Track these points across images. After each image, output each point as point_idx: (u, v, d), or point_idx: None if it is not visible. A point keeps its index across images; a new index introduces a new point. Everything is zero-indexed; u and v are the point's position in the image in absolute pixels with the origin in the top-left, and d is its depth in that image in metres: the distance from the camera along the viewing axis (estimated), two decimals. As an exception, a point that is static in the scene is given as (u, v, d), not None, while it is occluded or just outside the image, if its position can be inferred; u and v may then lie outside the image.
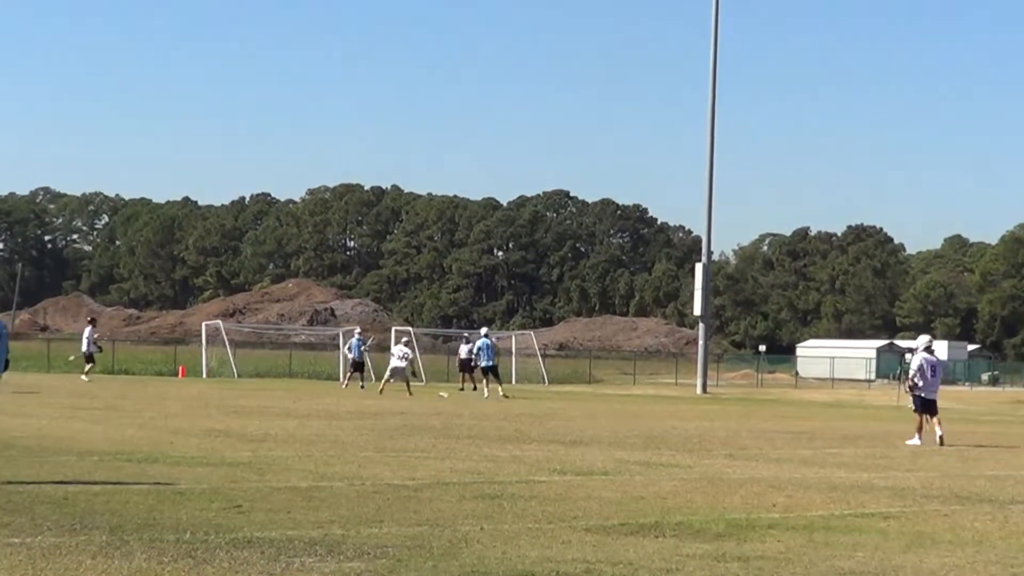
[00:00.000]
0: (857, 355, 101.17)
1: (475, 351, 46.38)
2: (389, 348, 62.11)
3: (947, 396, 58.16)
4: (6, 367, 14.71)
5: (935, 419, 25.69)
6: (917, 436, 25.52)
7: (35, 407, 28.41)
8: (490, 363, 45.08)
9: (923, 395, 25.83)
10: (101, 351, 48.78)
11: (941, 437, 25.27)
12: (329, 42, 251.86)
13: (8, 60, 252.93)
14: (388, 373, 43.92)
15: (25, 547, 10.20)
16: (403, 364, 43.54)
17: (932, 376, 25.97)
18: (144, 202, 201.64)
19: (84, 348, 45.77)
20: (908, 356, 58.87)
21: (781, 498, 15.11)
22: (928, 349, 26.46)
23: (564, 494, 14.84)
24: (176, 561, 9.77)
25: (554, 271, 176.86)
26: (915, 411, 26.02)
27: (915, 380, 25.87)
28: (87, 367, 45.16)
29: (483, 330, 48.93)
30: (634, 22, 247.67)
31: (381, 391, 42.76)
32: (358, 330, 53.41)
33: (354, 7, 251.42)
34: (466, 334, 57.74)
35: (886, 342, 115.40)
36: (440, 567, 9.84)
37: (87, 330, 46.43)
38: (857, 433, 29.36)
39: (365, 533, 11.37)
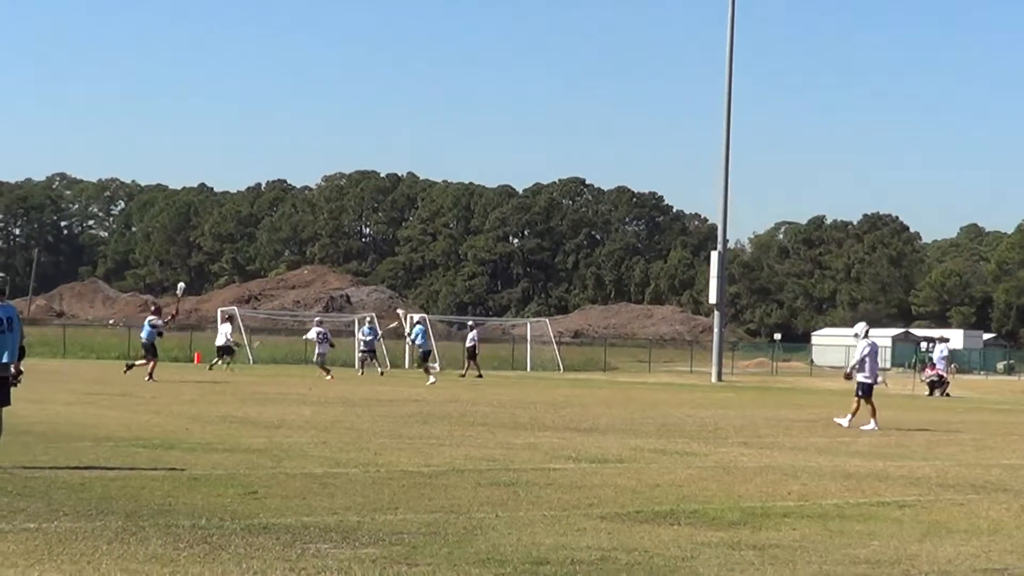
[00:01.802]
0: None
1: (413, 336, 47.16)
2: (405, 335, 62.15)
3: (963, 385, 58.12)
4: (22, 355, 14.68)
5: (861, 403, 26.30)
6: (873, 421, 25.98)
7: (51, 393, 28.48)
8: (426, 346, 45.79)
9: (869, 380, 26.35)
10: (238, 347, 49.59)
11: (851, 420, 26.09)
12: (346, 28, 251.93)
13: (24, 47, 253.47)
14: (318, 359, 44.60)
15: (41, 532, 10.24)
16: (326, 348, 44.58)
17: (876, 361, 26.69)
18: (160, 188, 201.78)
19: (220, 342, 46.48)
20: (924, 345, 58.87)
21: (796, 486, 15.10)
22: (868, 334, 26.96)
23: (579, 482, 14.85)
24: (192, 547, 9.80)
25: (569, 258, 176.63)
26: (860, 397, 26.39)
27: (862, 365, 26.39)
28: (216, 361, 45.79)
29: (416, 316, 50.09)
30: (650, 9, 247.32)
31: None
32: (368, 317, 53.56)
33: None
34: (470, 321, 58.23)
35: (901, 331, 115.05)
36: (455, 554, 9.85)
37: (227, 327, 47.04)
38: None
39: (380, 520, 11.39)
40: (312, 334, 46.15)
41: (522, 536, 10.76)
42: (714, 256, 63.30)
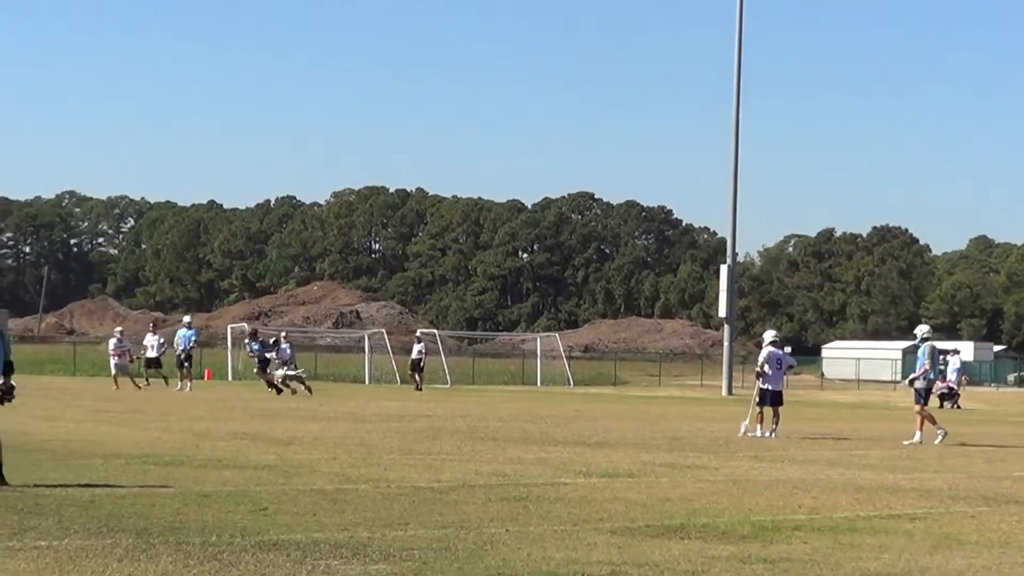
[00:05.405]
0: (883, 356, 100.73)
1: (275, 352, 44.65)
2: (411, 351, 62.06)
3: (974, 397, 57.98)
4: (10, 370, 14.60)
5: (778, 410, 26.84)
6: (759, 428, 26.44)
7: (61, 410, 28.52)
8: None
9: (770, 387, 26.83)
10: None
11: (775, 431, 26.45)
12: (354, 45, 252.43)
13: (33, 65, 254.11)
14: (115, 371, 44.09)
15: (52, 550, 10.24)
16: (124, 361, 44.48)
17: (778, 368, 27.12)
18: (169, 205, 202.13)
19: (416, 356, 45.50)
20: (940, 356, 58.62)
21: (807, 500, 15.07)
22: (774, 343, 27.57)
23: (589, 496, 14.84)
24: (202, 564, 9.80)
25: (579, 273, 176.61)
26: (757, 404, 26.87)
27: (764, 369, 26.83)
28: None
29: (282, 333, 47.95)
30: (659, 23, 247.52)
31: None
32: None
33: (380, 10, 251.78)
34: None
35: (912, 343, 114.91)
36: (465, 569, 9.85)
37: (421, 346, 45.49)
38: (883, 434, 29.25)
39: (391, 535, 11.38)
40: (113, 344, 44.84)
41: (532, 551, 10.75)
42: (724, 269, 63.31)
